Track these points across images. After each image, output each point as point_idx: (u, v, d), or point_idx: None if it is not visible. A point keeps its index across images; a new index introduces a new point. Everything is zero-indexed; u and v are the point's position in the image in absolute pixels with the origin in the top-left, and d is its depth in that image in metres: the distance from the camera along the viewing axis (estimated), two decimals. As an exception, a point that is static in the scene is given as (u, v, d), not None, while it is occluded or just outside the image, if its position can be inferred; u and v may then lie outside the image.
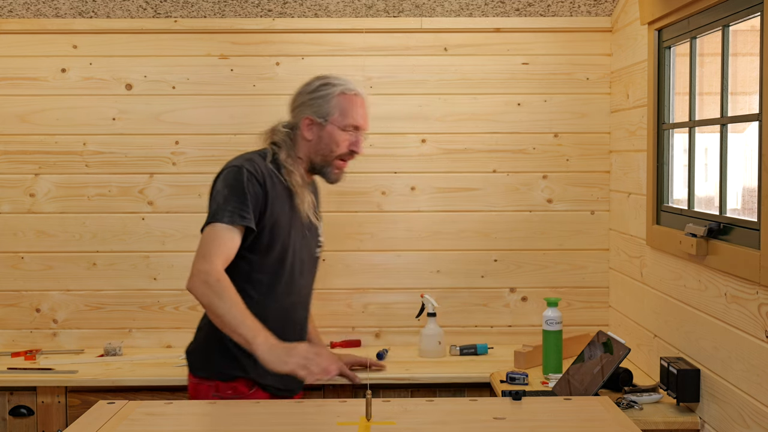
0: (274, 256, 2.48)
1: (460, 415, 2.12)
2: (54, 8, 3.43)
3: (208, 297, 2.31)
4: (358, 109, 2.57)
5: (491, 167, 3.59)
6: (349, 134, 2.55)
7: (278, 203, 2.47)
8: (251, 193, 2.40)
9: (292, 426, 2.03)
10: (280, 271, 2.50)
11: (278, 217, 2.46)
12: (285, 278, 2.52)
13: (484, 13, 3.50)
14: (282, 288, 2.52)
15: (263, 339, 2.26)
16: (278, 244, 2.48)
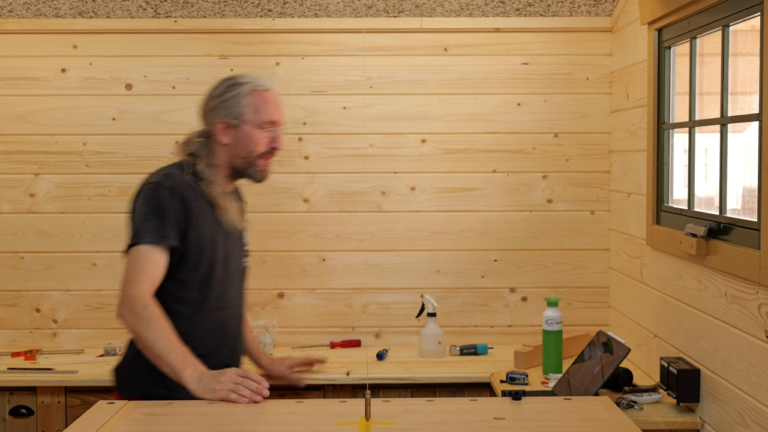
0: (202, 272, 2.38)
1: (460, 415, 2.12)
2: (54, 8, 3.43)
3: (135, 325, 2.23)
4: (272, 105, 2.46)
5: (491, 167, 3.59)
6: (266, 131, 2.45)
7: (201, 217, 2.37)
8: (171, 210, 2.31)
9: (292, 426, 2.03)
10: (208, 286, 2.40)
11: (202, 231, 2.36)
12: (214, 293, 2.41)
13: (484, 13, 3.50)
14: (212, 303, 2.41)
15: (191, 370, 2.19)
16: (204, 259, 2.37)
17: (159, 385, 2.31)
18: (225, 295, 2.45)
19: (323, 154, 3.58)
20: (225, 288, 2.44)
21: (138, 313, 2.23)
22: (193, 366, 2.21)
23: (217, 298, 2.42)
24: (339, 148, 3.57)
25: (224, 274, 2.44)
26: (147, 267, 2.27)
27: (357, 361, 3.32)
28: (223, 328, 2.45)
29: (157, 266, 2.29)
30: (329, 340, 3.57)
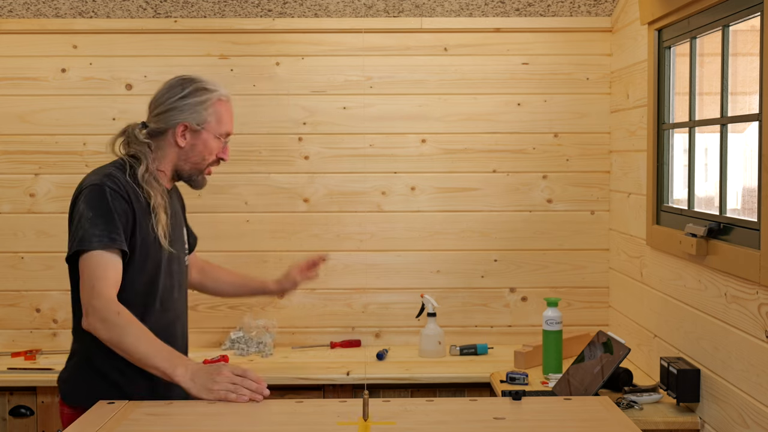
0: (147, 274, 2.30)
1: (460, 415, 2.12)
2: (54, 8, 3.43)
3: (110, 334, 2.15)
4: (230, 116, 2.47)
5: (491, 167, 3.59)
6: (220, 142, 2.43)
7: (144, 218, 2.29)
8: (118, 213, 2.23)
9: (292, 426, 2.03)
10: (153, 288, 2.32)
11: (147, 233, 2.29)
12: (159, 295, 2.34)
13: (484, 13, 3.50)
14: (158, 306, 2.33)
15: (183, 369, 2.14)
16: (150, 260, 2.31)
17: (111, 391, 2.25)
18: (169, 297, 2.38)
19: (323, 154, 3.58)
20: (169, 289, 2.38)
21: (111, 321, 2.15)
22: (184, 365, 2.16)
23: (163, 301, 2.35)
24: (339, 148, 3.57)
25: (167, 276, 2.37)
26: (107, 272, 2.19)
27: (357, 361, 3.32)
28: (170, 329, 2.38)
29: (116, 270, 2.21)
30: (329, 340, 3.57)
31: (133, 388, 2.26)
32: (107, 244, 2.19)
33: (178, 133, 2.37)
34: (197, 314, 3.58)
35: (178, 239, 2.46)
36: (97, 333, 2.17)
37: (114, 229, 2.21)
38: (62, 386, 2.38)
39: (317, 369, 3.05)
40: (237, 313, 3.59)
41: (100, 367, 2.28)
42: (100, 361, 2.27)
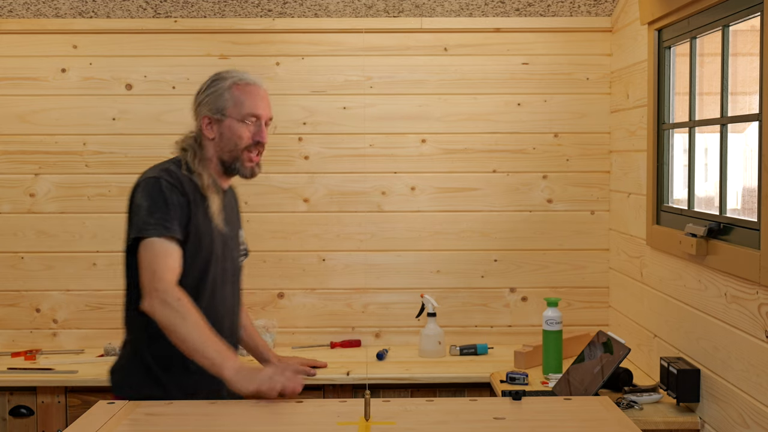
0: (198, 266, 2.37)
1: (460, 415, 2.12)
2: (54, 8, 3.43)
3: (170, 319, 2.20)
4: (254, 99, 2.46)
5: (491, 167, 3.59)
6: (249, 125, 2.45)
7: (200, 211, 2.37)
8: (173, 204, 2.31)
9: (292, 426, 2.03)
10: (203, 280, 2.38)
11: (199, 226, 2.37)
12: (208, 288, 2.39)
13: (484, 13, 3.50)
14: (207, 299, 2.39)
15: (231, 363, 2.16)
16: (202, 253, 2.37)
17: (153, 385, 2.31)
18: (218, 291, 2.43)
19: (323, 154, 3.58)
20: (220, 284, 2.43)
21: (171, 305, 2.20)
22: (233, 359, 2.18)
23: (211, 294, 2.41)
24: (339, 148, 3.56)
25: (218, 270, 2.43)
26: (167, 258, 2.26)
27: (357, 361, 3.32)
28: (218, 325, 2.40)
29: (174, 257, 2.28)
30: (329, 340, 3.57)
31: (173, 386, 2.29)
32: (163, 233, 2.27)
33: (204, 126, 2.46)
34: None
35: (233, 237, 2.52)
36: (155, 315, 2.22)
37: (169, 219, 2.29)
38: (110, 377, 2.44)
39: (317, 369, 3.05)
40: (237, 313, 3.59)
41: (145, 360, 2.33)
42: (145, 355, 2.32)
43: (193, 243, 2.35)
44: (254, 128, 2.46)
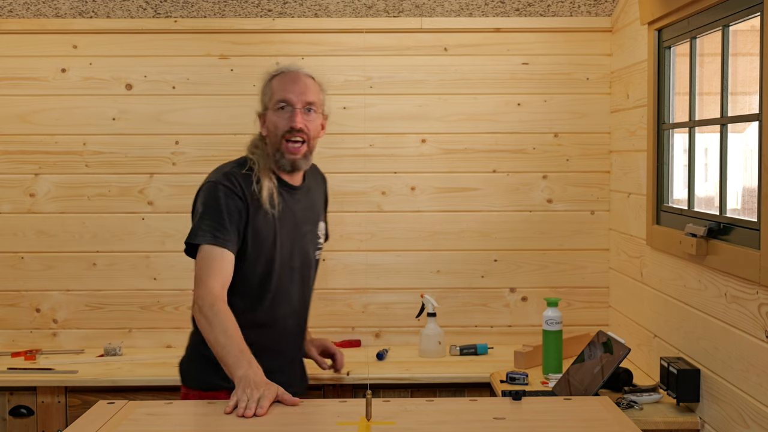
0: (261, 268, 2.43)
1: (460, 415, 2.12)
2: (54, 8, 3.43)
3: (201, 324, 2.27)
4: (285, 84, 2.44)
5: (491, 167, 3.58)
6: (282, 112, 2.43)
7: (260, 212, 2.40)
8: (228, 209, 2.34)
9: (292, 426, 2.03)
10: (267, 280, 2.44)
11: (261, 227, 2.41)
12: (273, 288, 2.46)
13: (484, 13, 3.50)
14: (270, 298, 2.45)
15: (243, 372, 2.15)
16: (263, 254, 2.42)
17: (213, 375, 2.36)
18: (285, 291, 2.46)
19: (323, 154, 3.57)
20: (285, 284, 2.47)
21: (204, 312, 2.26)
22: (246, 367, 2.16)
23: (276, 293, 2.44)
24: (339, 148, 3.56)
25: (284, 270, 2.46)
26: (213, 265, 2.30)
27: (357, 361, 3.31)
28: (282, 323, 2.46)
29: (221, 264, 2.31)
30: (329, 340, 3.57)
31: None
32: (211, 240, 2.31)
33: (260, 124, 2.50)
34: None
35: (308, 233, 2.52)
36: (196, 320, 2.31)
37: (220, 227, 2.32)
38: (179, 367, 2.53)
39: (317, 369, 3.04)
40: (237, 313, 3.59)
41: (204, 352, 2.35)
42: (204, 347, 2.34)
43: (254, 246, 2.39)
44: (287, 114, 2.43)
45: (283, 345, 2.54)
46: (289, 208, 2.48)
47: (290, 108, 2.43)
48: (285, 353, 2.56)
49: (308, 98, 2.44)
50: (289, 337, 2.54)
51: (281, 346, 2.53)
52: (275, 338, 2.50)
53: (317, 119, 2.49)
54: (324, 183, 2.72)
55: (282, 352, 2.53)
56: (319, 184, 2.68)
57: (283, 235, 2.45)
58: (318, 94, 2.48)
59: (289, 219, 2.47)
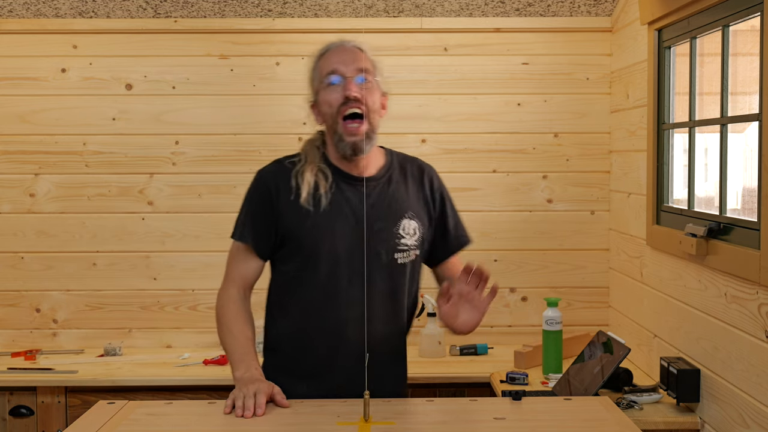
0: (304, 266, 2.22)
1: (460, 415, 2.12)
2: (54, 8, 3.43)
3: (215, 319, 2.28)
4: (331, 56, 2.24)
5: (491, 167, 3.58)
6: (333, 87, 2.20)
7: (297, 206, 2.21)
8: (254, 204, 2.27)
9: (292, 426, 2.03)
10: (312, 281, 2.22)
11: (297, 222, 2.21)
12: (327, 292, 2.22)
13: (484, 13, 3.50)
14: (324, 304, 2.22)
15: (240, 372, 2.13)
16: (302, 252, 2.22)
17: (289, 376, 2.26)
18: (342, 295, 2.22)
19: (323, 154, 3.57)
20: (342, 287, 2.21)
21: (216, 312, 2.26)
22: (244, 369, 2.13)
23: (331, 298, 2.22)
24: (339, 148, 3.56)
25: (342, 270, 2.21)
26: (232, 263, 2.29)
27: (357, 361, 3.31)
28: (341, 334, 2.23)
29: (239, 262, 2.28)
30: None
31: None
32: (236, 237, 2.29)
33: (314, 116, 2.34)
34: (197, 314, 3.59)
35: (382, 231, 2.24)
36: None
37: (246, 220, 2.28)
38: None
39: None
40: (237, 313, 3.58)
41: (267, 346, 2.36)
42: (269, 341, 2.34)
43: (291, 243, 2.23)
44: (339, 87, 2.20)
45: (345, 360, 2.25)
46: (348, 202, 2.23)
47: (341, 80, 2.20)
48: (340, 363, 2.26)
49: (359, 65, 2.21)
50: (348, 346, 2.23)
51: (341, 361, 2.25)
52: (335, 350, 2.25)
53: (374, 91, 2.25)
54: (423, 175, 2.38)
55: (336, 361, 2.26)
56: (413, 176, 2.36)
57: (333, 232, 2.21)
58: (370, 65, 2.27)
59: (347, 215, 2.22)
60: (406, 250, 2.28)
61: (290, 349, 2.30)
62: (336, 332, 2.25)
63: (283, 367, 2.30)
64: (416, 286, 2.39)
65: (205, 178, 3.56)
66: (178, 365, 3.30)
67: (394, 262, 2.26)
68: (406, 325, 2.38)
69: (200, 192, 3.57)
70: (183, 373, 3.23)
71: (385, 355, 2.27)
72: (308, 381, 2.27)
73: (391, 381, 2.32)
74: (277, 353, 2.33)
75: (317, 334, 2.26)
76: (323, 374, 2.27)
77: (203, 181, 3.56)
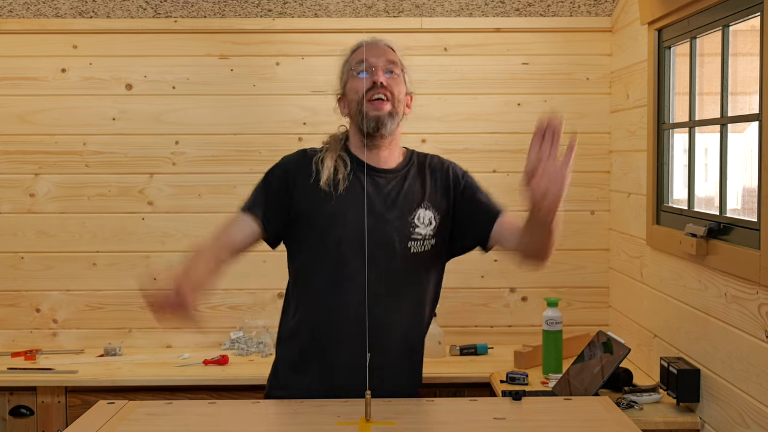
0: (316, 249, 2.25)
1: (460, 415, 2.12)
2: (54, 8, 3.43)
3: None
4: (362, 50, 2.30)
5: (491, 167, 3.58)
6: (361, 76, 2.27)
7: (314, 189, 2.25)
8: (272, 181, 2.31)
9: (292, 426, 2.03)
10: (324, 264, 2.24)
11: (312, 209, 2.25)
12: (336, 278, 2.24)
13: (484, 13, 3.50)
14: (329, 294, 2.24)
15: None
16: (315, 235, 2.25)
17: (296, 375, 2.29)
18: (346, 286, 2.23)
19: (323, 154, 3.57)
20: (345, 279, 2.23)
21: None
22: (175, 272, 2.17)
23: (337, 287, 2.23)
24: (339, 148, 3.56)
25: (351, 257, 2.22)
26: (222, 226, 2.32)
27: (357, 361, 3.31)
28: (348, 329, 2.23)
29: (235, 226, 2.29)
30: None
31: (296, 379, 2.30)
32: (245, 208, 2.31)
33: (340, 109, 2.38)
34: (197, 314, 3.58)
35: (395, 220, 2.26)
36: None
37: (256, 198, 2.31)
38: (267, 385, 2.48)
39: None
40: (237, 313, 3.59)
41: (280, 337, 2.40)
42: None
43: (303, 221, 2.26)
44: (368, 76, 2.27)
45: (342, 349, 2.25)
46: (365, 191, 2.26)
47: (370, 69, 2.27)
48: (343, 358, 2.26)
49: (389, 58, 2.30)
50: (355, 343, 2.20)
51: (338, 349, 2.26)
52: (344, 345, 2.25)
53: (401, 83, 2.31)
54: (443, 166, 2.46)
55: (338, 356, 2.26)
56: (432, 169, 2.42)
57: (345, 217, 2.24)
58: (398, 61, 2.33)
59: (362, 203, 2.24)
60: (421, 239, 2.29)
61: (300, 340, 2.31)
62: (341, 328, 2.24)
63: (291, 359, 2.32)
64: (435, 279, 2.40)
65: (205, 178, 3.56)
66: (178, 365, 3.30)
67: (407, 251, 2.27)
68: (426, 319, 2.39)
69: (200, 192, 3.57)
70: (183, 373, 3.23)
71: (397, 346, 2.29)
72: (315, 373, 2.27)
73: (402, 373, 2.33)
74: (287, 344, 2.35)
75: (324, 324, 2.27)
76: (331, 365, 2.27)
77: (203, 181, 3.56)
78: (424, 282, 2.35)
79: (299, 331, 2.31)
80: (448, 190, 2.40)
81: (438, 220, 2.33)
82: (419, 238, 2.29)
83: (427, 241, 2.31)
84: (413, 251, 2.28)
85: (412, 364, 2.38)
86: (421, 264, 2.31)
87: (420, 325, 2.37)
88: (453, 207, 2.38)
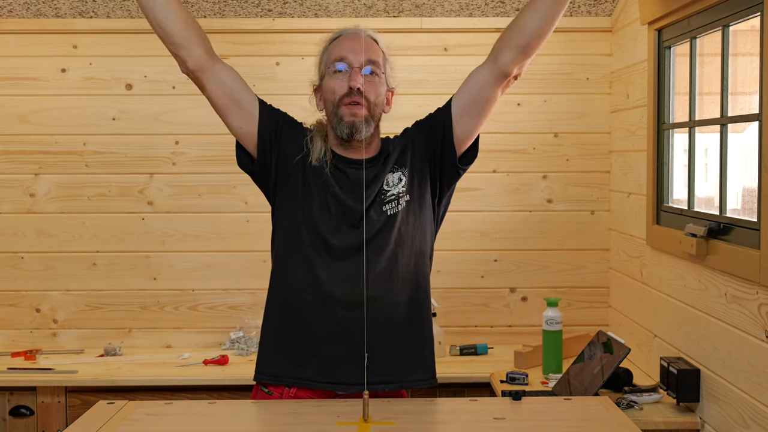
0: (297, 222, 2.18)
1: (460, 415, 2.12)
2: (54, 8, 3.43)
3: None
4: (344, 43, 2.21)
5: (491, 167, 3.58)
6: (339, 75, 2.19)
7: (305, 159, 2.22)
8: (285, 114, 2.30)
9: (291, 426, 2.03)
10: (302, 252, 2.17)
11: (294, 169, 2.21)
12: (323, 261, 2.16)
13: (484, 13, 3.50)
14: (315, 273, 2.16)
15: None
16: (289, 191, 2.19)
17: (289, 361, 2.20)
18: (332, 265, 2.16)
19: (323, 154, 3.57)
20: (330, 257, 2.17)
21: None
22: None
23: (325, 268, 2.16)
24: (339, 148, 3.56)
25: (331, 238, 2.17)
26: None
27: (357, 361, 3.31)
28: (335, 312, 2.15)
29: (241, 82, 2.29)
30: (329, 340, 3.56)
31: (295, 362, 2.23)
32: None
33: (317, 101, 2.33)
34: (197, 314, 3.59)
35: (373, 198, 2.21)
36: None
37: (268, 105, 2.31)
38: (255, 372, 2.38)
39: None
40: (237, 313, 3.59)
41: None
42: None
43: (288, 181, 2.21)
44: (344, 76, 2.19)
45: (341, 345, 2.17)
46: (346, 175, 2.23)
47: (348, 68, 2.20)
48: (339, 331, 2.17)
49: (370, 57, 2.20)
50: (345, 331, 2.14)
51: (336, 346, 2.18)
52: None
53: (380, 85, 2.24)
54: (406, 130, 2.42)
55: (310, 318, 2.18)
56: (401, 141, 2.38)
57: (331, 194, 2.19)
58: (381, 58, 2.23)
59: (345, 185, 2.21)
60: (394, 199, 2.24)
61: (275, 327, 2.22)
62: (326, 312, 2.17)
63: (268, 346, 2.23)
64: (424, 236, 2.30)
65: (205, 178, 3.56)
66: (178, 365, 3.30)
67: (384, 215, 2.21)
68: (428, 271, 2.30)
69: (200, 192, 3.57)
70: (183, 373, 3.23)
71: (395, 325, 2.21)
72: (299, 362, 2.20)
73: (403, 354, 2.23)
74: (265, 331, 2.23)
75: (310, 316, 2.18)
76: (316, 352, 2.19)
77: (203, 181, 3.56)
78: (412, 240, 2.26)
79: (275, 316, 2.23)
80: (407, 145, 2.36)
81: (407, 175, 2.28)
82: (392, 198, 2.24)
83: (402, 198, 2.25)
84: (390, 213, 2.22)
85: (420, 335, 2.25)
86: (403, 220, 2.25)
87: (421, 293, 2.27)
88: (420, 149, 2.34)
